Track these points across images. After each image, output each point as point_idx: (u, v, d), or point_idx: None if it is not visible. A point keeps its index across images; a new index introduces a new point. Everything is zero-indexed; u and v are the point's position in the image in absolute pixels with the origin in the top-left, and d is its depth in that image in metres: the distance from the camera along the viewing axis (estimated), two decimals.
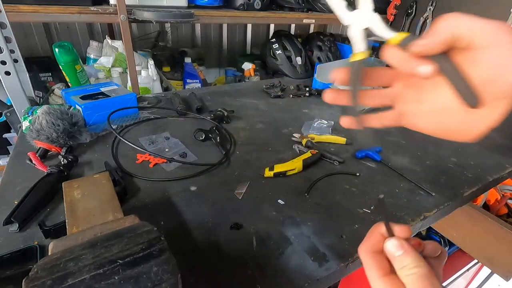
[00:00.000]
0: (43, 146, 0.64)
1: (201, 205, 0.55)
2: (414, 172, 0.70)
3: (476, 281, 1.52)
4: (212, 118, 0.87)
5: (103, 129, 0.77)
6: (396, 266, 0.29)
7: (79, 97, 0.80)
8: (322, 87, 1.16)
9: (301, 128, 0.88)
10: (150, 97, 1.03)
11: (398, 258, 0.29)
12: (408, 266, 0.28)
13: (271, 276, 0.43)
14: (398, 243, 0.30)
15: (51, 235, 0.45)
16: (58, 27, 1.48)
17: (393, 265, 0.30)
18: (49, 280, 0.26)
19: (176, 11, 1.02)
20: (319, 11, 1.44)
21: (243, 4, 1.22)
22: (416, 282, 0.27)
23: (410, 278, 0.27)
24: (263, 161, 0.70)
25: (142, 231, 0.33)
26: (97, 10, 0.94)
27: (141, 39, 1.64)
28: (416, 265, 0.28)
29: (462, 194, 0.65)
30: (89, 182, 0.47)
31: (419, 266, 0.28)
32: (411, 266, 0.28)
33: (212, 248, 0.47)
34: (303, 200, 0.59)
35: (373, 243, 0.32)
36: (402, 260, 0.29)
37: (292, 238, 0.50)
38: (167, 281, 0.28)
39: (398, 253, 0.29)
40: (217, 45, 1.93)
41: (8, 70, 0.75)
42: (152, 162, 0.66)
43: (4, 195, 0.54)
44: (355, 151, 0.75)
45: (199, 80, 1.54)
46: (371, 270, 0.30)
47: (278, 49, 1.41)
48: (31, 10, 0.88)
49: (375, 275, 0.30)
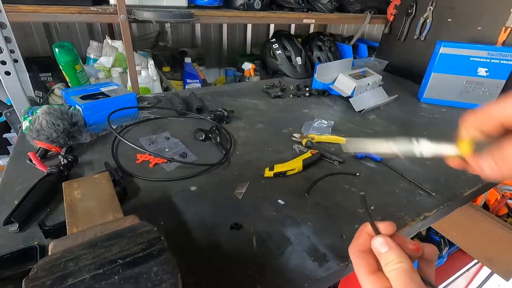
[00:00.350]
0: (43, 146, 0.64)
1: (201, 205, 0.55)
2: (414, 172, 0.70)
3: (476, 281, 1.53)
4: (212, 118, 0.87)
5: (103, 129, 0.77)
6: (382, 262, 0.31)
7: (79, 97, 0.80)
8: (322, 87, 1.15)
9: (301, 128, 0.88)
10: (150, 97, 1.03)
11: (383, 255, 0.31)
12: (392, 262, 0.30)
13: (271, 276, 0.43)
14: (383, 240, 0.31)
15: (51, 235, 0.45)
16: (58, 27, 1.49)
17: (380, 261, 0.31)
18: (49, 280, 0.26)
19: (176, 11, 1.02)
20: (319, 11, 1.44)
21: (243, 4, 1.22)
22: (398, 276, 0.29)
23: (393, 273, 0.29)
24: (263, 161, 0.70)
25: (142, 231, 0.33)
26: (97, 10, 0.94)
27: (141, 39, 1.64)
28: (399, 260, 0.29)
29: (462, 194, 0.65)
30: (89, 182, 0.47)
31: (401, 262, 0.29)
32: (395, 262, 0.29)
33: (212, 248, 0.47)
34: (303, 200, 0.59)
35: (361, 243, 0.34)
36: (387, 256, 0.30)
37: (292, 238, 0.50)
38: (167, 281, 0.28)
39: (383, 250, 0.31)
40: (217, 45, 1.93)
41: (8, 70, 0.75)
42: (152, 162, 0.66)
43: (4, 195, 0.54)
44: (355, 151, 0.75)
45: (199, 80, 1.54)
46: (359, 269, 0.32)
47: (278, 49, 1.41)
48: (31, 10, 0.88)
49: (363, 273, 0.32)
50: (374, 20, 1.58)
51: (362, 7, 1.56)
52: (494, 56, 1.03)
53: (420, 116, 1.05)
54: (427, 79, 1.14)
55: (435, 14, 1.32)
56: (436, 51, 1.09)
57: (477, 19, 1.18)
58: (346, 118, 0.98)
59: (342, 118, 0.98)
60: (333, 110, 1.04)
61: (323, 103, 1.10)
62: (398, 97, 1.17)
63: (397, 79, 1.46)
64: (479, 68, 1.06)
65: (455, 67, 1.08)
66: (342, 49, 1.64)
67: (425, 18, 1.35)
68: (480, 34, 1.18)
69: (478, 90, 1.10)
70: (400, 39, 1.49)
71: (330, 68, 1.18)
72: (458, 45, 1.05)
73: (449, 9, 1.27)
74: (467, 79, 1.09)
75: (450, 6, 1.25)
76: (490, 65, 1.04)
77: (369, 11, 1.57)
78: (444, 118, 1.04)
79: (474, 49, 1.04)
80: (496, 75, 1.05)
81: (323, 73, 1.17)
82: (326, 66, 1.18)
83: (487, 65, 1.05)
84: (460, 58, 1.06)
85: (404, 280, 0.28)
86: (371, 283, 0.31)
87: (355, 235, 0.35)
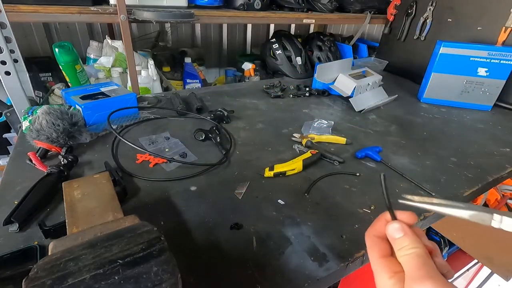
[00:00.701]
0: (43, 146, 0.64)
1: (201, 205, 0.55)
2: (414, 172, 0.70)
3: (476, 281, 1.52)
4: (212, 118, 0.87)
5: (103, 129, 0.77)
6: (395, 247, 0.30)
7: (79, 97, 0.80)
8: (322, 87, 1.15)
9: (301, 128, 0.88)
10: (150, 97, 1.03)
11: (398, 240, 0.30)
12: (406, 247, 0.29)
13: (271, 276, 0.43)
14: (398, 226, 0.31)
15: (51, 235, 0.45)
16: (58, 27, 1.49)
17: (393, 247, 0.31)
18: (49, 280, 0.27)
19: (176, 11, 1.02)
20: (319, 11, 1.44)
21: (243, 4, 1.22)
22: (411, 260, 0.28)
23: (406, 257, 0.29)
24: (263, 161, 0.70)
25: (142, 231, 0.33)
26: (97, 10, 0.94)
27: (141, 39, 1.64)
28: (414, 246, 0.29)
29: (462, 194, 0.65)
30: (89, 182, 0.47)
31: (416, 247, 0.29)
32: (409, 247, 0.29)
33: (212, 248, 0.47)
34: (303, 200, 0.59)
35: (377, 228, 0.33)
36: (401, 241, 0.30)
37: (292, 238, 0.50)
38: (167, 281, 0.28)
39: (398, 235, 0.30)
40: (217, 45, 1.93)
41: (8, 70, 0.75)
42: (152, 162, 0.66)
43: (4, 195, 0.54)
44: (355, 151, 0.75)
45: (199, 80, 1.54)
46: (372, 252, 0.32)
47: (278, 49, 1.41)
48: (31, 10, 0.88)
49: (375, 256, 0.31)
50: (374, 20, 1.58)
51: (362, 7, 1.56)
52: (494, 56, 1.03)
53: (420, 116, 1.05)
54: (427, 79, 1.14)
55: (435, 14, 1.32)
56: (436, 51, 1.09)
57: (477, 19, 1.18)
58: (346, 118, 0.98)
59: (342, 118, 0.98)
60: (333, 110, 1.04)
61: (323, 103, 1.10)
62: (398, 97, 1.17)
63: (397, 79, 1.46)
64: (479, 68, 1.06)
65: (455, 67, 1.08)
66: (342, 49, 1.64)
67: (425, 18, 1.35)
68: (480, 34, 1.18)
69: (478, 90, 1.10)
70: (400, 39, 1.49)
71: (330, 68, 1.18)
72: (458, 45, 1.05)
73: (449, 9, 1.27)
74: (467, 79, 1.09)
75: (450, 6, 1.25)
76: (490, 65, 1.04)
77: (369, 11, 1.57)
78: (444, 118, 1.04)
79: (474, 49, 1.04)
80: (496, 75, 1.05)
81: (323, 73, 1.17)
82: (326, 66, 1.18)
83: (487, 65, 1.05)
84: (460, 58, 1.06)
85: (417, 264, 0.27)
86: (381, 266, 0.30)
87: (374, 221, 0.34)
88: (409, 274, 0.28)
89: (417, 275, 0.27)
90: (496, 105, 1.12)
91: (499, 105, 1.14)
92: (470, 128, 0.98)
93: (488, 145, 0.86)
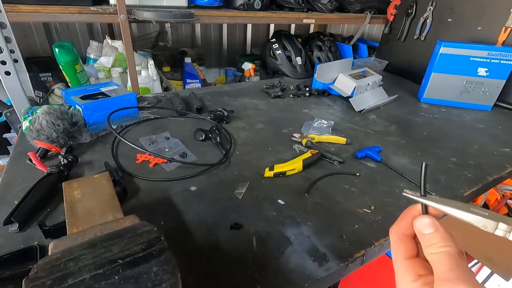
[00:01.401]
0: (43, 146, 0.64)
1: (201, 205, 0.55)
2: (414, 172, 0.70)
3: None
4: (212, 118, 0.87)
5: (103, 129, 0.77)
6: (423, 244, 0.28)
7: (79, 97, 0.80)
8: (322, 87, 1.15)
9: (301, 128, 0.88)
10: (150, 97, 1.03)
11: (427, 236, 0.28)
12: (436, 244, 0.27)
13: (271, 276, 0.43)
14: (430, 221, 0.28)
15: (51, 235, 0.45)
16: (58, 27, 1.49)
17: (421, 243, 0.28)
18: (49, 280, 0.26)
19: (176, 11, 1.02)
20: (319, 11, 1.44)
21: (243, 4, 1.22)
22: (442, 260, 0.26)
23: (437, 256, 0.26)
24: (263, 161, 0.70)
25: (142, 231, 0.33)
26: (97, 10, 0.94)
27: (141, 39, 1.64)
28: (445, 244, 0.26)
29: (462, 194, 0.65)
30: (89, 182, 0.47)
31: (448, 246, 0.26)
32: (440, 245, 0.26)
33: (212, 248, 0.47)
34: (303, 200, 0.59)
35: (404, 225, 0.30)
36: (431, 238, 0.27)
37: (292, 238, 0.50)
38: (167, 281, 0.28)
39: (428, 231, 0.28)
40: (217, 45, 1.93)
41: (8, 70, 0.75)
42: (152, 162, 0.66)
43: (4, 195, 0.54)
44: (355, 151, 0.75)
45: (199, 80, 1.54)
46: (397, 252, 0.30)
47: (278, 49, 1.41)
48: (31, 10, 0.88)
49: (399, 256, 0.29)
50: (374, 20, 1.58)
51: (362, 7, 1.56)
52: (494, 56, 1.03)
53: (420, 116, 1.05)
54: (427, 79, 1.14)
55: (435, 14, 1.32)
56: (436, 51, 1.09)
57: (477, 19, 1.18)
58: (346, 118, 0.98)
59: (342, 118, 0.98)
60: (333, 110, 1.04)
61: (323, 103, 1.10)
62: (398, 97, 1.17)
63: (397, 79, 1.46)
64: (479, 68, 1.06)
65: (455, 67, 1.08)
66: (342, 49, 1.65)
67: (425, 18, 1.35)
68: (480, 34, 1.18)
69: (478, 90, 1.10)
70: (400, 39, 1.49)
71: (330, 68, 1.18)
72: (458, 45, 1.05)
73: (449, 9, 1.27)
74: (467, 79, 1.09)
75: (450, 6, 1.26)
76: (490, 65, 1.04)
77: (369, 11, 1.57)
78: (444, 118, 1.04)
79: (474, 49, 1.04)
80: (496, 75, 1.05)
81: (323, 73, 1.17)
82: (326, 66, 1.18)
83: (487, 65, 1.05)
84: (460, 58, 1.06)
85: (449, 264, 0.25)
86: (405, 268, 0.28)
87: (400, 216, 0.31)
88: (440, 275, 0.25)
89: (450, 276, 0.24)
90: (496, 105, 1.12)
91: (499, 105, 1.14)
92: (470, 128, 0.98)
93: (488, 145, 0.86)
